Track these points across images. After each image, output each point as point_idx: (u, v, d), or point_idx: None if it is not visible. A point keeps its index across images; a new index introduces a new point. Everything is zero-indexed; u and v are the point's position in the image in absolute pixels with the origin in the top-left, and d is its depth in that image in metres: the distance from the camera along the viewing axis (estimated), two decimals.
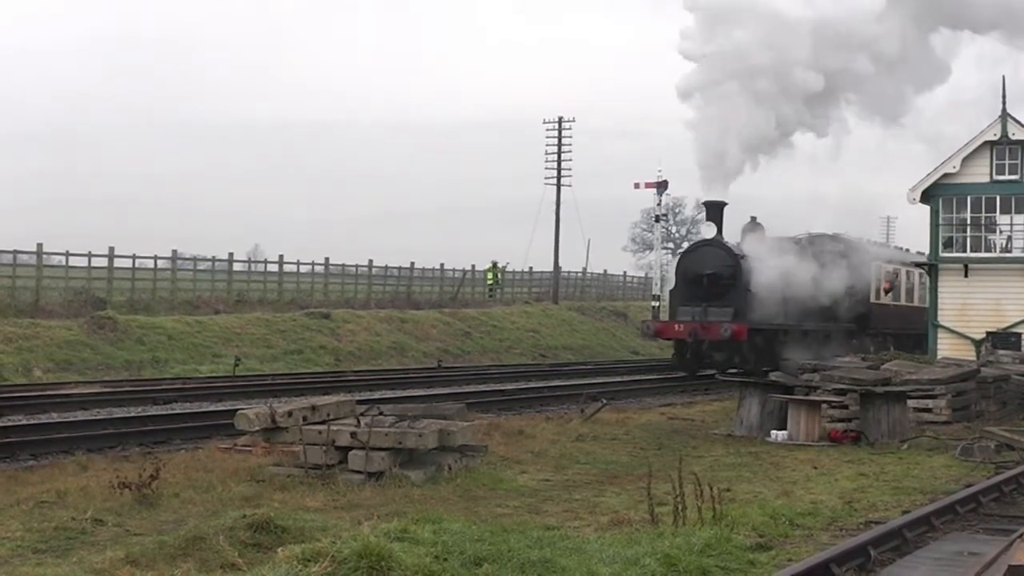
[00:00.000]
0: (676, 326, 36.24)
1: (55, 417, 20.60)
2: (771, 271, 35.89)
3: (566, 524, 11.64)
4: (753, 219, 39.93)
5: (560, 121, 66.35)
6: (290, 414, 15.08)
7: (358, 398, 19.10)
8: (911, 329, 42.83)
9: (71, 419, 20.15)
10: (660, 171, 50.11)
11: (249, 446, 15.85)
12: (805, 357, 32.15)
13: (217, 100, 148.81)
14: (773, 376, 23.74)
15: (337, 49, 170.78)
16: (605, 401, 22.17)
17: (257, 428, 14.98)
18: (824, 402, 20.49)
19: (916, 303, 45.35)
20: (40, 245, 40.74)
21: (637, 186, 51.04)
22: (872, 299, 42.19)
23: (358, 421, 14.73)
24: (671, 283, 40.32)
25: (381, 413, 15.30)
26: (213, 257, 50.50)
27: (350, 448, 14.01)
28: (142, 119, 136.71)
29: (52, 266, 42.68)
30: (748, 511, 12.24)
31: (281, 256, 51.89)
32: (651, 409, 24.27)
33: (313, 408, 15.33)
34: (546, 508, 12.68)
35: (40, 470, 14.45)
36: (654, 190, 49.99)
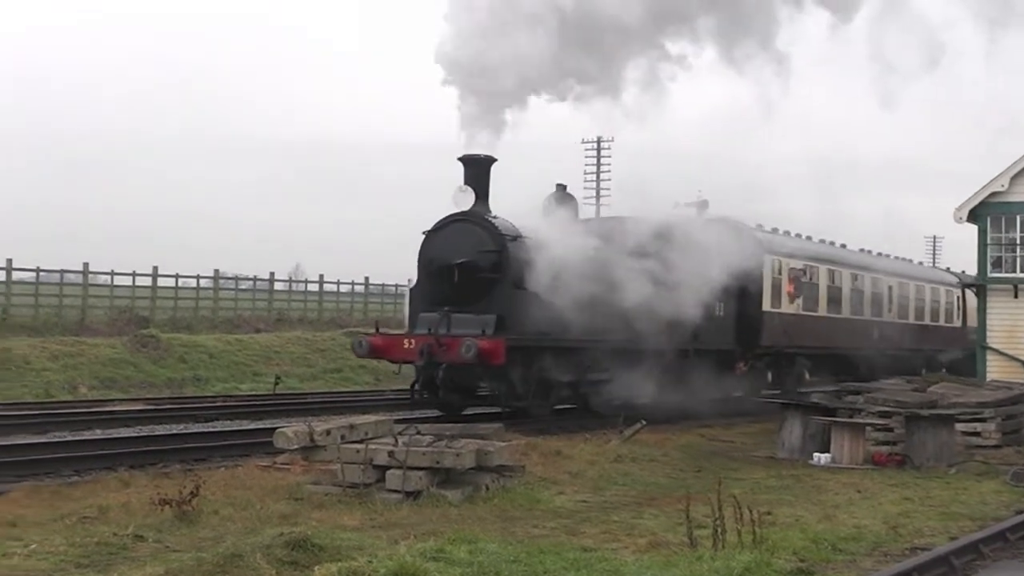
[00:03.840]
0: (405, 342, 23.58)
1: (98, 433, 20.69)
2: (567, 262, 24.11)
3: (603, 546, 11.61)
4: (561, 188, 27.34)
5: (599, 141, 66.33)
6: (328, 433, 15.15)
7: (396, 417, 19.14)
8: (841, 348, 35.47)
9: (114, 436, 20.23)
10: (700, 191, 47.40)
11: (288, 464, 15.89)
12: (634, 387, 25.51)
13: (255, 117, 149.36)
14: (815, 398, 23.67)
15: (383, 69, 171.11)
16: (644, 422, 22.11)
17: (296, 446, 15.05)
18: (868, 425, 20.37)
19: (849, 313, 36.83)
20: (86, 264, 41.16)
21: (676, 206, 50.73)
22: (766, 307, 31.34)
23: (396, 440, 14.75)
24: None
25: (419, 432, 15.32)
26: (255, 277, 50.76)
27: (388, 467, 14.03)
28: (188, 137, 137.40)
29: (97, 285, 43.10)
30: (789, 535, 12.18)
31: (321, 276, 52.28)
32: (691, 430, 24.17)
33: (351, 427, 15.40)
34: (583, 529, 12.65)
35: (83, 486, 14.51)
36: (694, 210, 49.51)
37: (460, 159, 23.98)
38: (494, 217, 24.25)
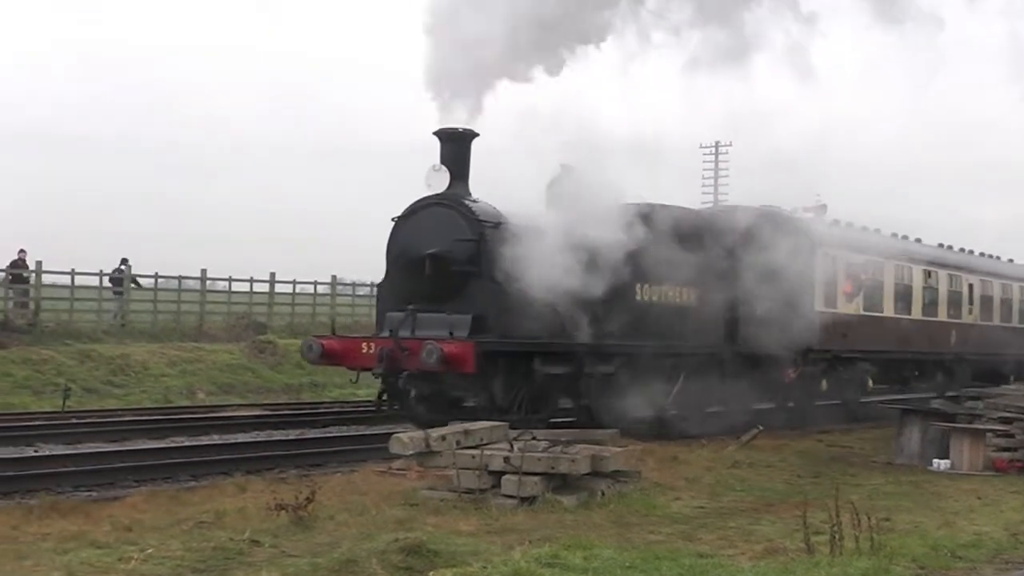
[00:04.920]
0: (364, 346, 20.63)
1: (216, 439, 20.93)
2: (567, 253, 20.54)
3: (720, 552, 11.49)
4: (568, 168, 22.59)
5: (717, 145, 65.98)
6: (444, 438, 15.15)
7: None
8: (912, 352, 32.21)
9: (231, 441, 20.46)
10: (819, 195, 45.05)
11: (403, 469, 15.95)
12: (652, 397, 22.42)
13: (356, 124, 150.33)
14: (935, 404, 23.23)
15: None
16: (761, 427, 21.90)
17: (411, 452, 15.05)
18: (988, 431, 19.99)
19: (921, 315, 32.97)
20: (204, 271, 41.66)
21: (795, 210, 50.14)
22: (818, 306, 27.79)
23: (511, 446, 14.73)
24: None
25: (534, 438, 15.28)
26: (372, 283, 51.09)
27: (503, 473, 14.00)
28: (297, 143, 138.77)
29: (215, 291, 43.59)
30: (908, 542, 11.96)
31: None
32: (808, 436, 23.90)
33: (466, 432, 15.39)
34: (700, 535, 12.53)
35: (200, 491, 14.67)
36: (811, 215, 48.71)
37: (435, 133, 20.84)
38: (474, 200, 21.00)
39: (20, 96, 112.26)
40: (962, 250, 38.19)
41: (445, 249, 20.31)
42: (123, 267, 40.67)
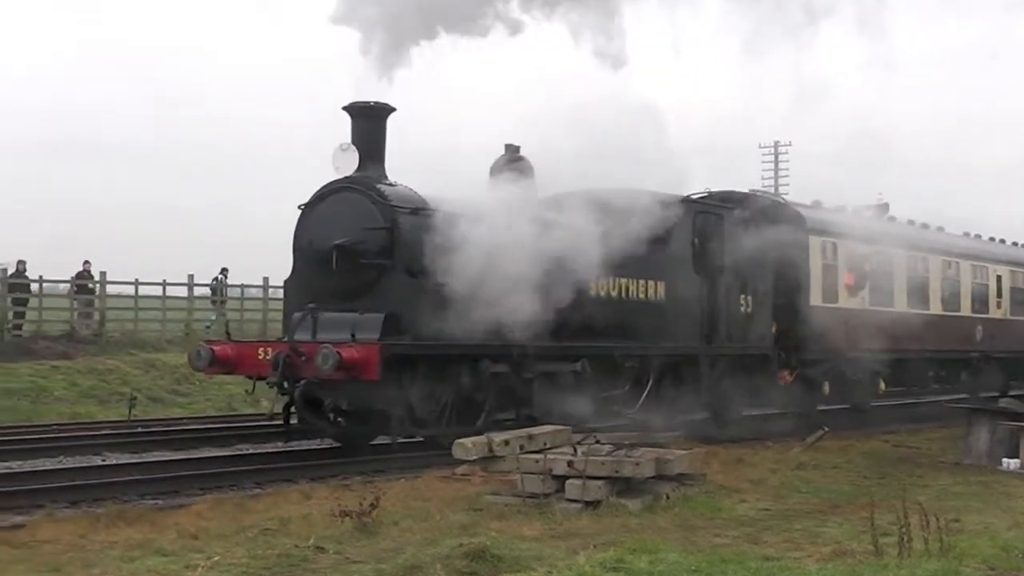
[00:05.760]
0: (260, 351, 18.44)
1: (280, 446, 20.99)
2: (503, 243, 18.41)
3: (786, 555, 11.39)
4: (512, 149, 21.02)
5: (776, 145, 65.67)
6: (507, 443, 15.12)
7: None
8: (930, 351, 29.60)
9: (295, 448, 20.51)
10: (880, 194, 42.72)
11: (467, 475, 15.94)
12: (610, 403, 20.68)
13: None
14: (1003, 403, 22.94)
15: None
16: (826, 428, 21.73)
17: (475, 457, 15.04)
18: None
19: (941, 309, 30.49)
20: (266, 279, 41.85)
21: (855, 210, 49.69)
22: (815, 300, 25.52)
23: (575, 450, 14.68)
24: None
25: (598, 442, 15.23)
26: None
27: (567, 477, 13.96)
28: None
29: (277, 299, 43.74)
30: (977, 543, 11.80)
31: None
32: (874, 437, 23.69)
33: (530, 437, 15.36)
34: (765, 538, 12.44)
35: (265, 498, 14.72)
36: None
37: (345, 108, 18.85)
38: (390, 183, 18.92)
39: (85, 105, 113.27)
40: (992, 239, 36.00)
41: (354, 239, 18.40)
42: (221, 276, 41.10)
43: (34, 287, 38.25)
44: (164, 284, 40.26)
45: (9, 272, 37.55)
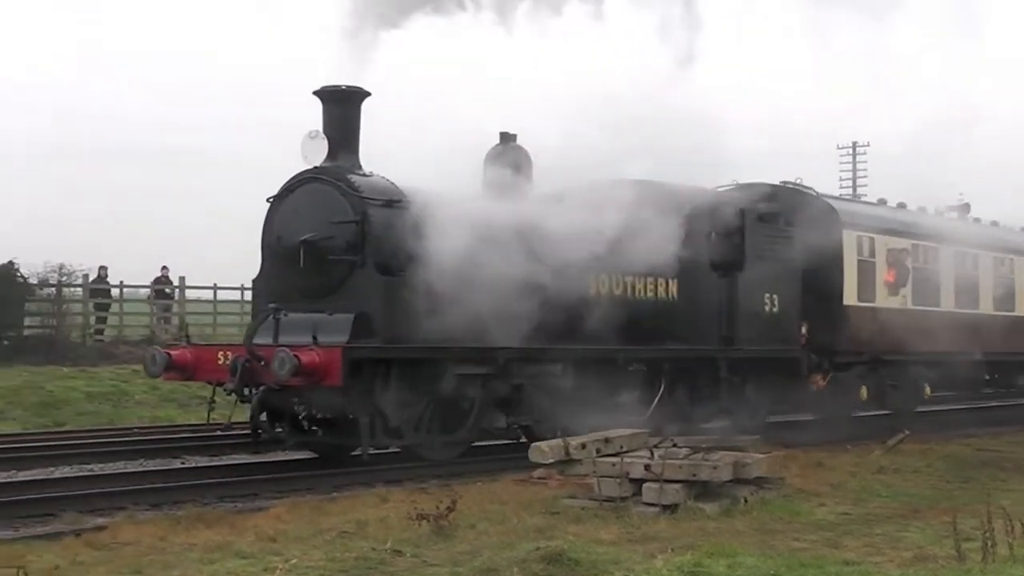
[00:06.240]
0: (220, 355, 17.35)
1: (358, 450, 21.02)
2: (489, 236, 17.34)
3: (866, 559, 11.27)
4: (508, 138, 19.73)
5: (854, 146, 65.10)
6: (583, 446, 15.12)
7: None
8: (980, 354, 27.25)
9: (372, 452, 20.54)
10: (961, 195, 40.14)
11: (544, 478, 15.90)
12: (615, 411, 18.96)
13: None
14: None
15: None
16: (908, 431, 21.49)
17: (551, 460, 15.05)
18: None
19: (993, 309, 28.67)
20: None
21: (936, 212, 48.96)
22: (849, 299, 24.05)
23: (651, 453, 14.63)
24: None
25: (675, 445, 15.16)
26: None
27: (644, 480, 13.90)
28: None
29: None
30: None
31: None
32: (954, 440, 23.40)
33: (606, 440, 15.33)
34: (845, 542, 12.31)
35: (342, 501, 14.77)
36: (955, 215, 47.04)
37: (316, 93, 17.73)
38: (363, 174, 17.73)
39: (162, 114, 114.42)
40: None
41: (321, 234, 17.27)
42: None
43: (115, 292, 38.70)
44: (242, 288, 40.52)
45: (91, 278, 38.03)
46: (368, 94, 17.71)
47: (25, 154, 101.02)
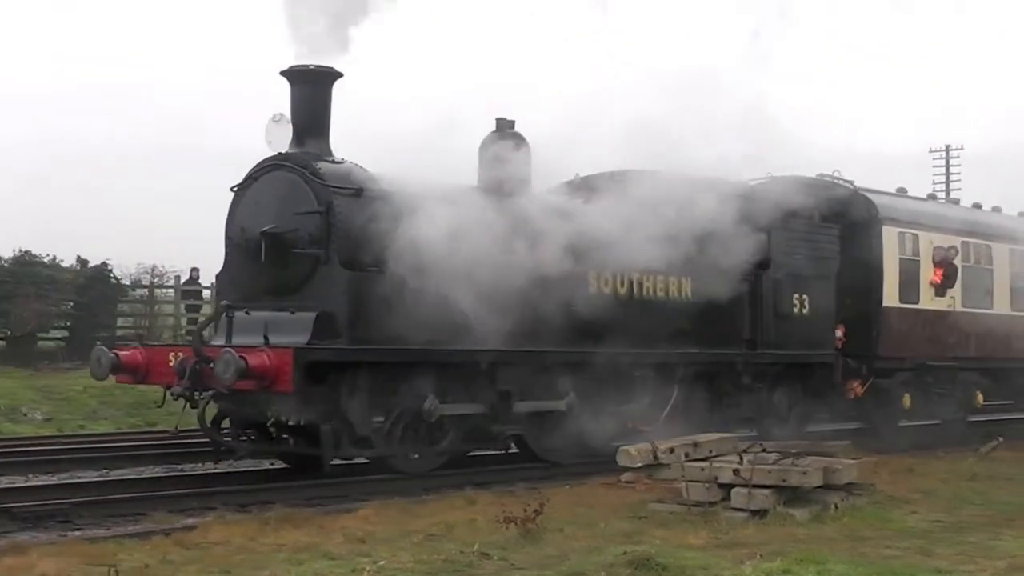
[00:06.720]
0: (171, 356, 15.90)
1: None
2: (474, 229, 15.92)
3: (958, 568, 11.14)
4: (505, 124, 18.10)
5: (948, 150, 64.36)
6: (672, 450, 15.07)
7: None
8: None
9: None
10: None
11: (631, 482, 15.86)
12: (622, 420, 18.34)
13: None
14: None
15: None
16: (1001, 438, 21.19)
17: (639, 464, 15.02)
18: None
19: None
20: None
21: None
22: (888, 301, 22.38)
23: (740, 458, 14.54)
24: None
25: (764, 450, 15.06)
26: None
27: (733, 485, 13.82)
28: None
29: None
30: None
31: None
32: None
33: (695, 444, 15.27)
34: (937, 551, 12.15)
35: (430, 503, 14.80)
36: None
37: (284, 73, 16.39)
38: (333, 161, 16.41)
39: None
40: None
41: (284, 226, 15.94)
42: None
43: (206, 294, 38.99)
44: None
45: (183, 279, 38.44)
46: (340, 75, 16.38)
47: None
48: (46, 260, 35.78)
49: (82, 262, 36.60)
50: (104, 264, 35.94)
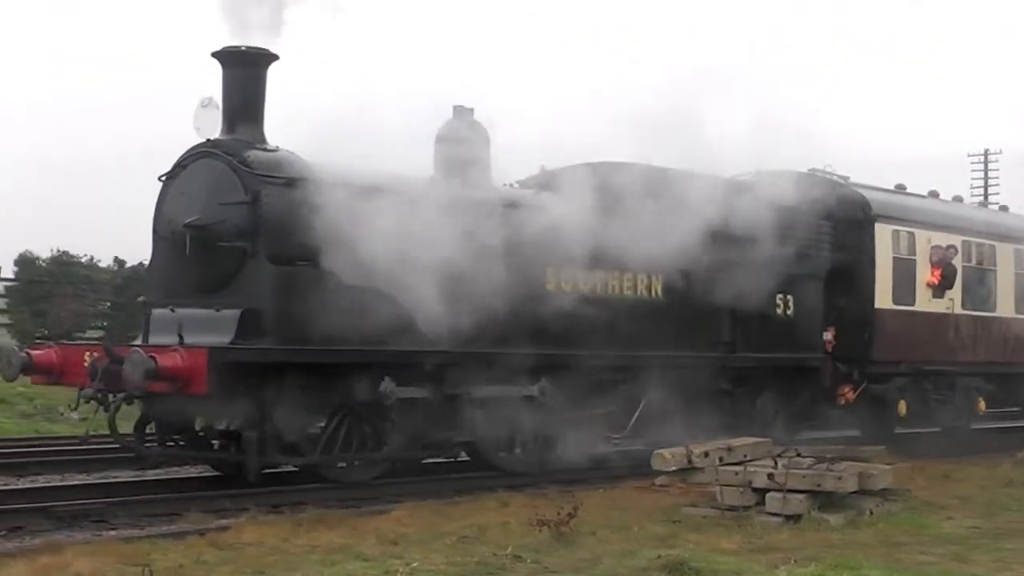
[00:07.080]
0: (87, 356, 14.80)
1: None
2: (421, 219, 15.03)
3: (995, 574, 11.06)
4: (463, 112, 17.36)
5: (986, 154, 63.95)
6: (706, 454, 15.02)
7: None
8: None
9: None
10: None
11: (666, 485, 15.81)
12: (586, 427, 17.53)
13: None
14: None
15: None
16: None
17: (673, 468, 14.97)
18: None
19: None
20: None
21: None
22: (881, 303, 21.51)
23: (775, 462, 14.48)
24: None
25: (798, 454, 14.99)
26: None
27: (767, 490, 13.76)
28: None
29: None
30: None
31: None
32: None
33: (729, 449, 15.22)
34: (973, 557, 12.06)
35: (463, 505, 14.79)
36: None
37: (215, 55, 15.34)
38: (265, 148, 15.35)
39: None
40: None
41: (209, 218, 14.93)
42: None
43: None
44: None
45: None
46: (276, 57, 15.39)
47: None
48: (83, 260, 35.97)
49: (119, 262, 36.77)
50: (141, 264, 36.05)
